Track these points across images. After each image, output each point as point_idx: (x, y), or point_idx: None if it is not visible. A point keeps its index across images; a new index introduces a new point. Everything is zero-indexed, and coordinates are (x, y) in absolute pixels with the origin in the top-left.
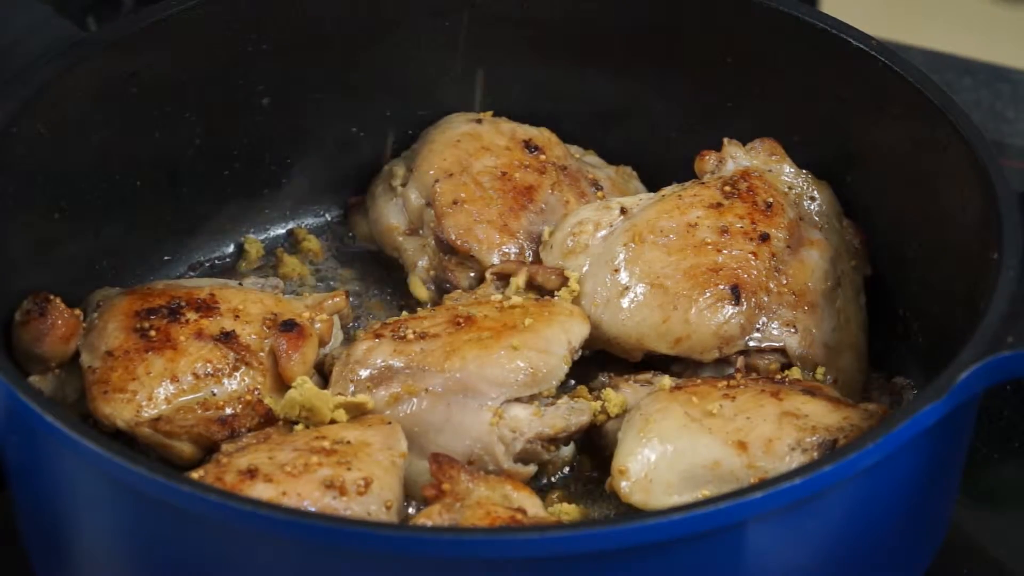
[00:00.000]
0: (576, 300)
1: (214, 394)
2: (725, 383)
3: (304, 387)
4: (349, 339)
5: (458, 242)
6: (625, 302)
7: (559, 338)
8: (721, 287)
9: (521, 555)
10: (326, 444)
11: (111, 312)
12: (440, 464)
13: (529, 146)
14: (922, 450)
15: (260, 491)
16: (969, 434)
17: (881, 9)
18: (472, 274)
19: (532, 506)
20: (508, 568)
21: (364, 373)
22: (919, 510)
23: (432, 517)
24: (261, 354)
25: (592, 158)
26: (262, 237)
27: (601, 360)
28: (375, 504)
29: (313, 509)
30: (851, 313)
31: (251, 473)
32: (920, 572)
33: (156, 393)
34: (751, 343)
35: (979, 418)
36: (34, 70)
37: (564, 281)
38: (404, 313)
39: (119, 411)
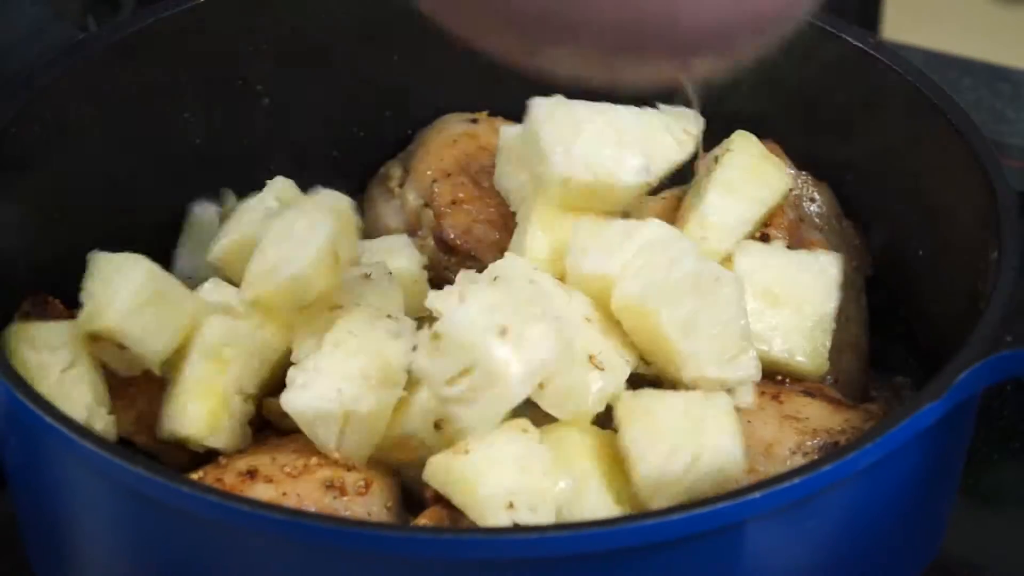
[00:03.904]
0: None
1: None
2: None
3: None
4: None
5: (458, 242)
6: None
7: None
8: None
9: (521, 555)
10: None
11: None
12: None
13: None
14: (922, 450)
15: (260, 492)
16: (969, 434)
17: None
18: None
19: None
20: (508, 568)
21: None
22: (919, 510)
23: (432, 517)
24: None
25: None
26: None
27: None
28: (376, 505)
29: (313, 510)
30: (852, 313)
31: (251, 474)
32: (919, 572)
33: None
34: None
35: (979, 418)
36: (34, 70)
37: None
38: None
39: (118, 418)
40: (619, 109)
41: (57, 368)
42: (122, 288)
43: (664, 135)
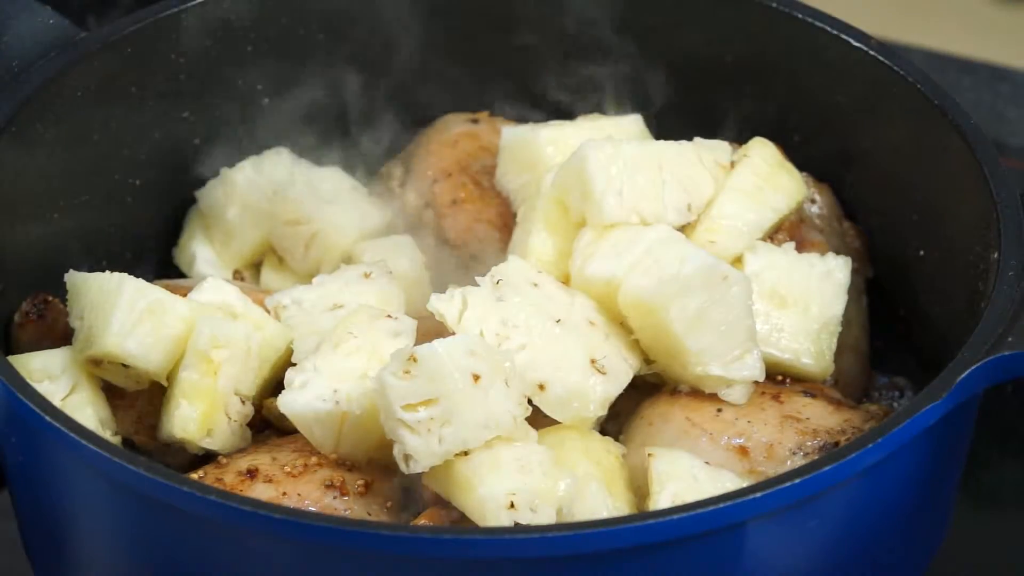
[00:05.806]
0: None
1: None
2: None
3: None
4: None
5: (458, 242)
6: None
7: None
8: None
9: (521, 555)
10: None
11: None
12: None
13: None
14: (922, 450)
15: (260, 491)
16: (969, 434)
17: (881, 9)
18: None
19: None
20: (508, 568)
21: None
22: (919, 510)
23: (432, 517)
24: None
25: None
26: None
27: None
28: (376, 505)
29: (313, 510)
30: (852, 315)
31: (251, 473)
32: (920, 572)
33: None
34: None
35: (979, 418)
36: (34, 70)
37: None
38: None
39: (118, 418)
40: (661, 147)
41: (58, 396)
42: (113, 310)
43: (701, 170)
